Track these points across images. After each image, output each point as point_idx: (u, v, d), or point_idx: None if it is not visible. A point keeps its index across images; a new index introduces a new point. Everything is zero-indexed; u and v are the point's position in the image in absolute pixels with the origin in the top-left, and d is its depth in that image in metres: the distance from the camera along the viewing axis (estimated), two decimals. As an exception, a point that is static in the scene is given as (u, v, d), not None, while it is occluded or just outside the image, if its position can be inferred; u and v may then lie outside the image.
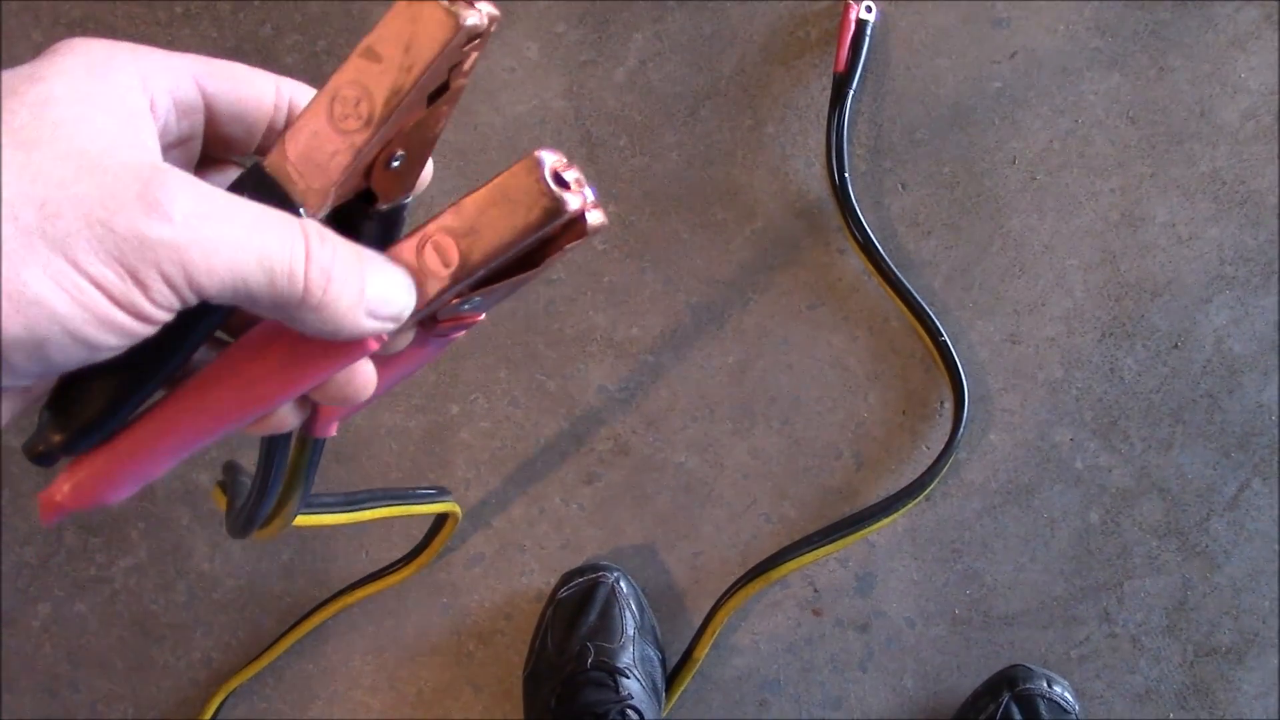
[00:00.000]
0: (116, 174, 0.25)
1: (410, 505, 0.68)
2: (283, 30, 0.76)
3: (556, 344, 0.75)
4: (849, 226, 0.72)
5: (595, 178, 0.74)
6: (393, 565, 0.76)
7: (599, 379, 0.75)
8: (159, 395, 0.31)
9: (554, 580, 0.75)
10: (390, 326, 0.29)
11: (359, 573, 0.76)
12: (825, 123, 0.72)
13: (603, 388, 0.75)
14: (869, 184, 0.73)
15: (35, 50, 0.78)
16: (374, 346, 0.30)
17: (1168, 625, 0.72)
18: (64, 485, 0.31)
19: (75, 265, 0.24)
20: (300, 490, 0.40)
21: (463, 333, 0.32)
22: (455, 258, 0.29)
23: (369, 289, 0.28)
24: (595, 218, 0.28)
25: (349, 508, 0.63)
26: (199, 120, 0.30)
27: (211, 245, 0.25)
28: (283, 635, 0.77)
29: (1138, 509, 0.72)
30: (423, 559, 0.75)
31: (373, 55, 0.28)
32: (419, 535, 0.75)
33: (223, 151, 0.31)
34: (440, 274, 0.29)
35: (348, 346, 0.30)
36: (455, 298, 0.30)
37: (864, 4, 0.72)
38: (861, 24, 0.72)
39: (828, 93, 0.72)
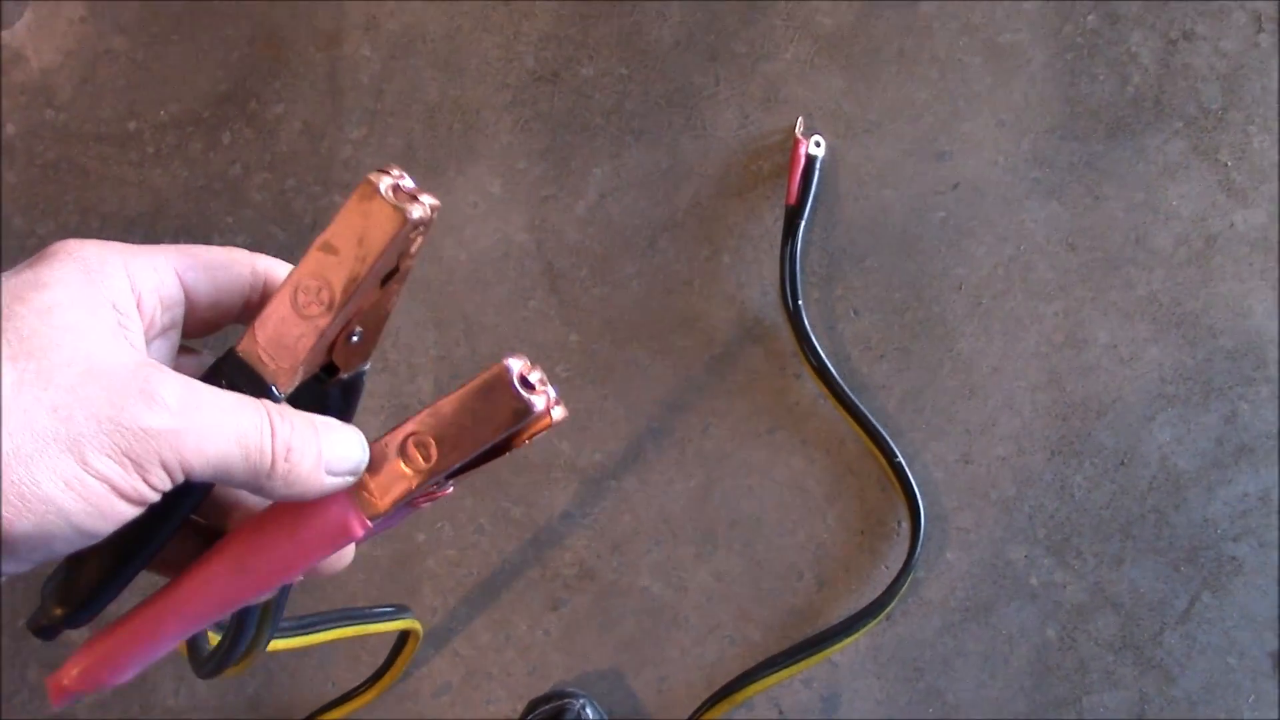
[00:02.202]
0: (117, 375, 0.27)
1: (370, 624, 0.68)
2: (251, 169, 0.78)
3: (522, 471, 0.76)
4: (804, 352, 0.74)
5: (558, 308, 0.76)
6: (357, 689, 0.76)
7: (564, 505, 0.76)
8: (162, 582, 0.34)
9: (521, 707, 0.75)
10: (349, 480, 0.32)
11: (325, 702, 0.76)
12: (779, 252, 0.75)
13: (567, 513, 0.76)
14: (822, 310, 0.76)
15: (10, 190, 0.80)
16: (359, 534, 0.32)
17: (1127, 739, 0.73)
18: (72, 670, 0.34)
19: (84, 464, 0.26)
20: (269, 630, 0.43)
21: (431, 503, 0.35)
22: (434, 454, 0.32)
23: (326, 451, 0.31)
24: (558, 413, 0.33)
25: (306, 630, 0.63)
26: (180, 312, 0.33)
27: (201, 431, 0.28)
28: (249, 768, 0.77)
29: (1093, 624, 0.73)
30: (386, 680, 0.75)
31: (330, 249, 0.31)
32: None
33: (200, 332, 0.34)
34: (421, 467, 0.32)
35: (338, 534, 0.32)
36: (433, 484, 0.32)
37: (813, 139, 0.75)
38: (811, 158, 0.75)
39: (780, 223, 0.75)
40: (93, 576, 0.32)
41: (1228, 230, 0.74)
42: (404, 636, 0.72)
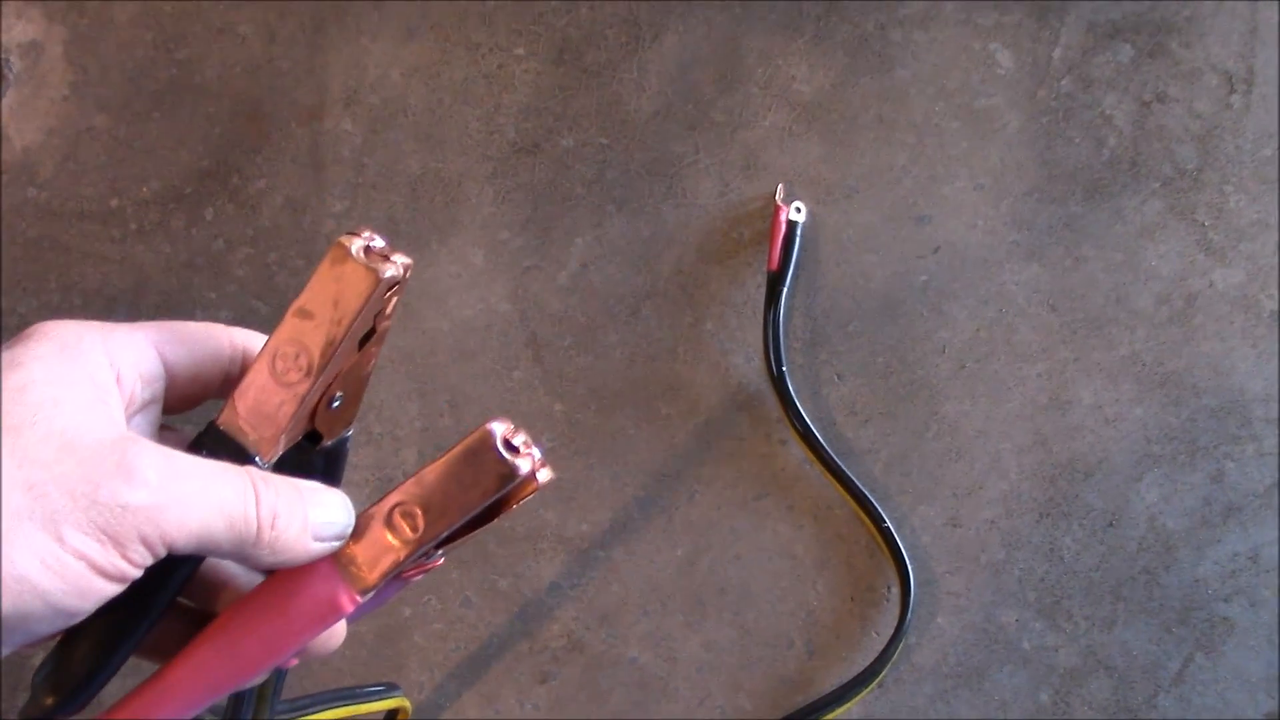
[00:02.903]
0: (94, 449, 0.27)
1: (360, 703, 0.68)
2: (234, 244, 0.78)
3: (508, 542, 0.76)
4: (789, 417, 0.74)
5: (542, 377, 0.76)
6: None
7: (551, 576, 0.75)
8: (156, 667, 0.34)
9: (511, 784, 0.74)
10: (336, 545, 0.32)
11: (312, 782, 0.75)
12: (762, 318, 0.75)
13: (555, 584, 0.75)
14: (806, 375, 0.76)
15: (-10, 269, 0.80)
16: (349, 609, 0.32)
17: (1125, 805, 0.72)
18: None
19: (60, 541, 0.26)
20: (267, 716, 0.43)
21: (422, 576, 0.35)
22: (421, 523, 0.32)
23: (311, 516, 0.31)
24: (544, 475, 0.32)
25: (297, 713, 0.63)
26: (160, 387, 0.33)
27: (182, 503, 0.28)
28: None
29: (1086, 688, 0.73)
30: (377, 761, 0.74)
31: (305, 314, 0.31)
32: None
33: (180, 407, 0.34)
34: (409, 538, 0.32)
35: (327, 611, 0.32)
36: (422, 556, 0.33)
37: (794, 205, 0.75)
38: (792, 224, 0.75)
39: (763, 290, 0.75)
40: (82, 663, 0.31)
41: (1207, 289, 0.74)
42: (391, 715, 0.71)
